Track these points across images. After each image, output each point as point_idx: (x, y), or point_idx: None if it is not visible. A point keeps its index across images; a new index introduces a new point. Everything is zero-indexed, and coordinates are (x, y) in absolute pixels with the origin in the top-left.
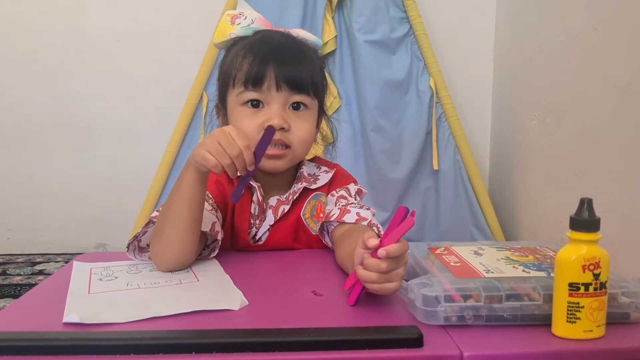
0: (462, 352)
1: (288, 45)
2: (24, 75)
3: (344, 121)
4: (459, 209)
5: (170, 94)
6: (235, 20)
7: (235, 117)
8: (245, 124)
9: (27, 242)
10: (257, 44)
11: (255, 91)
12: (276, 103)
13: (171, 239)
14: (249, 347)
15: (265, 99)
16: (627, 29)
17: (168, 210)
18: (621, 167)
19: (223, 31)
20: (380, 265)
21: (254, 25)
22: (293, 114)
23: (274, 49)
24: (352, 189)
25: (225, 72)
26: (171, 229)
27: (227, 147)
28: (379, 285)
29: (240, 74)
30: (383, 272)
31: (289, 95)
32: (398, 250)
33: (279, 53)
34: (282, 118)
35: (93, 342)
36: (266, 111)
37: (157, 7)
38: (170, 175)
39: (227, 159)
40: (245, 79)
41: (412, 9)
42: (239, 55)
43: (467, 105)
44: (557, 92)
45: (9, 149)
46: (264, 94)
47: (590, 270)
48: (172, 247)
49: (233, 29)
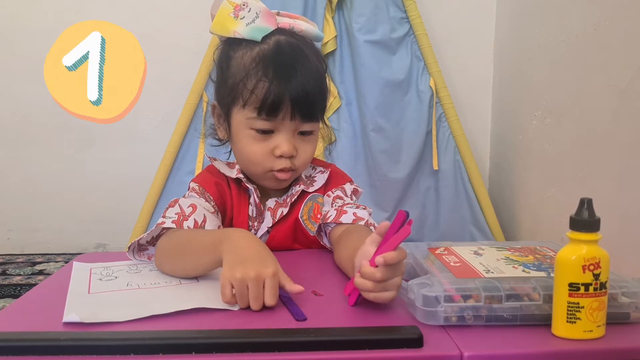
0: (462, 352)
1: (301, 66)
2: (24, 75)
3: (344, 121)
4: (459, 209)
5: (170, 94)
6: (238, 12)
7: (243, 139)
8: (255, 149)
9: (27, 242)
10: (272, 67)
11: (268, 120)
12: (287, 131)
13: (178, 273)
14: (249, 347)
15: (276, 127)
16: (627, 29)
17: (185, 251)
18: (621, 167)
19: (224, 24)
20: (375, 275)
21: (258, 20)
22: (300, 138)
23: (289, 75)
24: (347, 188)
25: (232, 85)
26: (179, 269)
27: (253, 299)
28: (374, 294)
29: (254, 98)
30: (378, 281)
31: (300, 123)
32: (395, 258)
33: (292, 77)
34: (292, 146)
35: (93, 342)
36: (276, 138)
37: (157, 7)
38: (170, 175)
39: (244, 304)
40: (260, 106)
41: (412, 9)
42: (251, 75)
43: (467, 105)
44: (557, 92)
45: (9, 149)
46: (276, 123)
47: (590, 270)
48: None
49: (236, 25)
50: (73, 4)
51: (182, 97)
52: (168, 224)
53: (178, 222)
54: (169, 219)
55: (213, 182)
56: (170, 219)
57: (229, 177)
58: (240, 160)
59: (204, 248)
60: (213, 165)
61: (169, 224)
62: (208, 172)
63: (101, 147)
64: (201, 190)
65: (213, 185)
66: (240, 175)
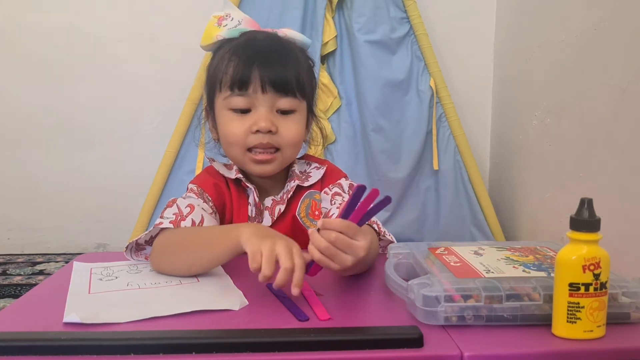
0: (462, 352)
1: (273, 46)
2: (24, 76)
3: (344, 121)
4: (459, 209)
5: (170, 94)
6: (221, 22)
7: (222, 121)
8: (233, 128)
9: (27, 242)
10: (242, 46)
11: (241, 95)
12: (263, 106)
13: (181, 270)
14: (249, 347)
15: (252, 103)
16: (627, 29)
17: (189, 244)
18: (621, 167)
19: (209, 33)
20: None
21: (240, 26)
22: (281, 117)
23: (258, 50)
24: (344, 184)
25: (212, 76)
26: (184, 262)
27: (284, 257)
28: (323, 257)
29: (226, 78)
30: (330, 241)
31: (275, 97)
32: (337, 225)
33: (263, 54)
34: (269, 121)
35: (93, 342)
36: (253, 114)
37: (157, 7)
38: (170, 175)
39: (270, 271)
40: (231, 83)
41: (412, 9)
42: (225, 59)
43: (467, 105)
44: (557, 92)
45: (9, 149)
46: (250, 98)
47: (591, 270)
48: (180, 273)
49: (219, 30)
50: (73, 4)
51: (182, 97)
52: (165, 224)
53: (175, 223)
54: (166, 219)
55: (212, 183)
56: (167, 219)
57: (228, 178)
58: (224, 147)
59: (218, 239)
60: (212, 167)
61: (166, 224)
62: (207, 173)
63: (101, 147)
64: (200, 191)
65: (212, 187)
66: (240, 175)
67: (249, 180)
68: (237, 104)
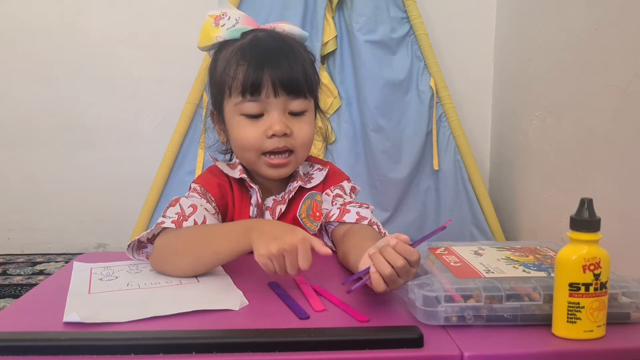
0: (463, 352)
1: (278, 46)
2: (24, 76)
3: (344, 121)
4: (459, 209)
5: (170, 94)
6: (219, 21)
7: (235, 126)
8: (247, 133)
9: (27, 242)
10: (248, 49)
11: (253, 100)
12: (275, 110)
13: (185, 269)
14: (249, 347)
15: (265, 108)
16: (627, 29)
17: (193, 246)
18: (621, 167)
19: (208, 34)
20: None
21: (238, 25)
22: (293, 119)
23: (266, 52)
24: (346, 186)
25: (219, 81)
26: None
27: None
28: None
29: (236, 83)
30: (397, 266)
31: (287, 100)
32: (405, 252)
33: (271, 57)
34: (283, 124)
35: (93, 342)
36: (267, 119)
37: (157, 7)
38: (170, 175)
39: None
40: (242, 89)
41: (412, 9)
42: (232, 63)
43: (467, 105)
44: (557, 92)
45: (9, 149)
46: (262, 103)
47: (591, 270)
48: (183, 273)
49: (218, 31)
50: (73, 4)
51: (182, 97)
52: (167, 224)
53: (178, 223)
54: (168, 219)
55: (216, 183)
56: (170, 218)
57: (232, 177)
58: (236, 151)
59: (226, 238)
60: (215, 166)
61: (168, 223)
62: (210, 173)
63: (101, 147)
64: (203, 191)
65: (215, 187)
66: (244, 175)
67: (253, 180)
68: (249, 110)
